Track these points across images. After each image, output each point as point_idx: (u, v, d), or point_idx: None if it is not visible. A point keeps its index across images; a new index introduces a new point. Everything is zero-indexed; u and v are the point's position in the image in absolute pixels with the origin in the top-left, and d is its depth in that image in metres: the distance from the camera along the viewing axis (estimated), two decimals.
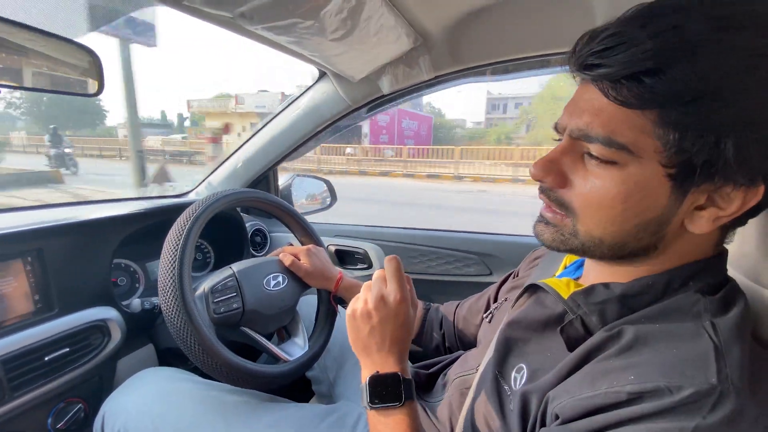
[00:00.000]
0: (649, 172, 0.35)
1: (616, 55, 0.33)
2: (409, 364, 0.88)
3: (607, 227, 0.38)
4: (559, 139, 0.42)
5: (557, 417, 0.36)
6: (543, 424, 0.38)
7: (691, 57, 0.31)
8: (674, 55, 0.32)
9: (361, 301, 0.54)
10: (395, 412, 0.49)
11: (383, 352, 0.52)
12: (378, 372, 0.51)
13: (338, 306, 0.91)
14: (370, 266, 1.24)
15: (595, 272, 0.46)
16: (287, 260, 0.84)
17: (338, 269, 0.89)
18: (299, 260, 0.86)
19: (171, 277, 0.66)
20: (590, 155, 0.38)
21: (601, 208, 0.38)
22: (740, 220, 0.39)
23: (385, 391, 0.49)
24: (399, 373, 0.50)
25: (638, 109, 0.34)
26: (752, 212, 0.38)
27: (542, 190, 0.42)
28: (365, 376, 0.52)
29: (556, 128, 0.42)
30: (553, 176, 0.40)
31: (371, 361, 0.52)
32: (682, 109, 0.32)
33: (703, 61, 0.31)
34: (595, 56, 0.35)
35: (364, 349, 0.53)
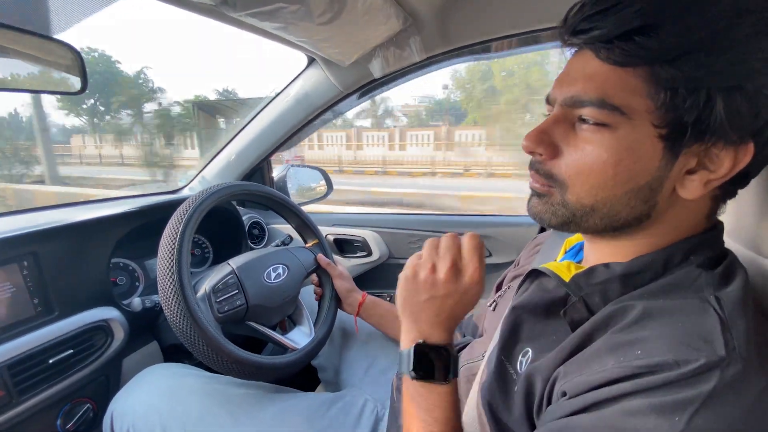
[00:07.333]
0: (641, 133, 0.35)
1: (609, 17, 0.34)
2: None
3: (599, 193, 0.38)
4: (548, 114, 0.41)
5: (565, 394, 0.35)
6: (549, 403, 0.38)
7: (679, 14, 0.32)
8: (663, 13, 0.33)
9: (427, 267, 0.47)
10: (439, 387, 0.45)
11: (434, 323, 0.47)
12: (425, 341, 0.46)
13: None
14: (369, 254, 1.24)
15: (594, 254, 0.46)
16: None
17: (362, 291, 0.90)
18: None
19: (171, 280, 0.65)
20: (582, 120, 0.38)
21: (592, 173, 0.37)
22: (730, 191, 0.39)
23: (430, 362, 0.45)
24: (448, 347, 0.46)
25: (630, 67, 0.34)
26: (741, 181, 0.38)
27: (531, 165, 0.42)
28: (408, 340, 0.47)
29: (547, 100, 0.42)
30: (544, 147, 0.40)
31: (418, 328, 0.47)
32: (672, 65, 0.33)
33: (690, 17, 0.32)
34: (588, 21, 0.35)
35: (412, 315, 0.47)
